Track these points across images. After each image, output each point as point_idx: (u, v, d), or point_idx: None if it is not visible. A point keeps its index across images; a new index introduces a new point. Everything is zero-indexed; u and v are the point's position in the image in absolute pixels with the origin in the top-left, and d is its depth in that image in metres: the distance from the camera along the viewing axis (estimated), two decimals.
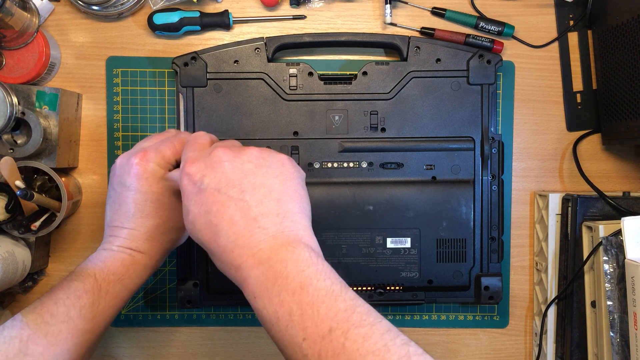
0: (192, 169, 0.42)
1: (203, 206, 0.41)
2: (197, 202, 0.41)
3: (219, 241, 0.40)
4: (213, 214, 0.40)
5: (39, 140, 0.58)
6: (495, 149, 0.62)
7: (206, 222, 0.41)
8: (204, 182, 0.41)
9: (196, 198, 0.41)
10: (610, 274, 0.55)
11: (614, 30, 0.59)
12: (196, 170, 0.42)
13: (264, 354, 0.67)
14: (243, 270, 0.39)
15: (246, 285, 0.39)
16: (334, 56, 0.65)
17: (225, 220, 0.40)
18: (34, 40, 0.61)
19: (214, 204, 0.41)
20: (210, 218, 0.40)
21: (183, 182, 0.43)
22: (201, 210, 0.41)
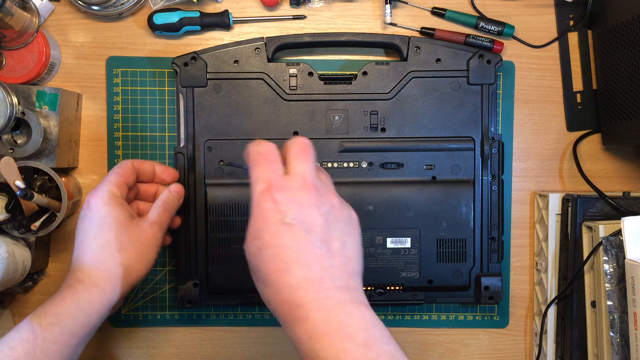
0: (279, 197, 0.40)
1: (279, 239, 0.39)
2: (274, 232, 0.39)
3: (283, 277, 0.39)
4: (288, 250, 0.39)
5: (39, 140, 0.58)
6: (495, 149, 0.62)
7: (276, 255, 0.39)
8: (288, 216, 0.39)
9: (275, 228, 0.39)
10: (610, 274, 0.55)
11: (614, 30, 0.59)
12: (283, 200, 0.40)
13: (264, 354, 0.67)
14: (303, 309, 0.38)
15: (301, 324, 0.39)
16: (334, 56, 0.65)
17: (299, 260, 0.39)
18: (34, 40, 0.61)
19: (293, 241, 0.39)
20: (283, 253, 0.39)
21: (265, 205, 0.40)
22: (275, 242, 0.39)
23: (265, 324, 0.67)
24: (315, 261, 0.39)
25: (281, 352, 0.67)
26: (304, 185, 0.40)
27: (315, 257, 0.39)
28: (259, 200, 0.40)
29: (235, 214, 0.61)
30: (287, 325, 0.40)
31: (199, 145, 0.61)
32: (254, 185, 0.41)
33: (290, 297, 0.39)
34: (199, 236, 0.61)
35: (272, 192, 0.40)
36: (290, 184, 0.40)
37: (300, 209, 0.40)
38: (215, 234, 0.61)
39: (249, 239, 0.41)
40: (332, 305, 0.38)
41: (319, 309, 0.38)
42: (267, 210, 0.40)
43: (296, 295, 0.39)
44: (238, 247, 0.61)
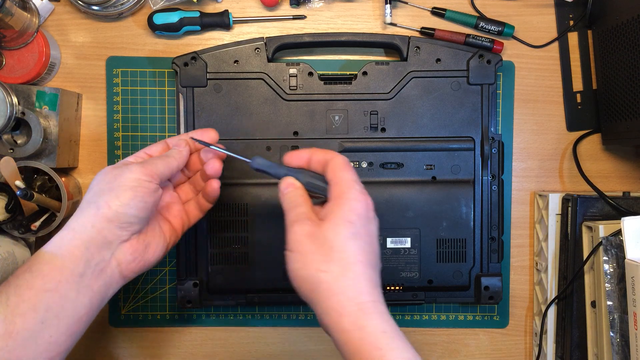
0: (370, 203, 0.45)
1: (368, 237, 0.43)
2: (365, 230, 0.43)
3: (368, 271, 0.42)
4: (370, 246, 0.43)
5: (39, 140, 0.58)
6: (495, 149, 0.62)
7: (366, 248, 0.43)
8: (372, 219, 0.45)
9: (368, 227, 0.44)
10: (610, 274, 0.55)
11: (614, 30, 0.59)
12: (371, 207, 0.45)
13: (264, 354, 0.67)
14: (367, 311, 0.41)
15: (365, 323, 0.40)
16: (334, 56, 0.65)
17: (371, 263, 0.43)
18: (34, 40, 0.61)
19: (373, 243, 0.44)
20: (370, 248, 0.43)
21: (359, 204, 0.43)
22: (367, 241, 0.43)
23: (265, 324, 0.67)
24: (375, 263, 0.44)
25: (281, 352, 0.67)
26: (368, 198, 0.45)
27: (378, 265, 0.44)
28: (357, 199, 0.44)
29: (235, 214, 0.61)
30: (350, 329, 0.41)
31: None
32: (352, 183, 0.44)
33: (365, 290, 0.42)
34: (199, 236, 0.61)
35: (369, 200, 0.45)
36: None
37: (374, 216, 0.45)
38: (215, 234, 0.61)
39: (340, 222, 0.42)
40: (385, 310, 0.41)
41: (381, 312, 0.41)
42: (362, 210, 0.44)
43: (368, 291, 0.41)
44: (238, 247, 0.61)
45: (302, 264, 0.42)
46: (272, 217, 0.61)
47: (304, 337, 0.67)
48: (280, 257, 0.61)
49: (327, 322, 0.41)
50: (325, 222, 0.42)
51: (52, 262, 0.42)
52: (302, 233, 0.43)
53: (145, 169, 0.46)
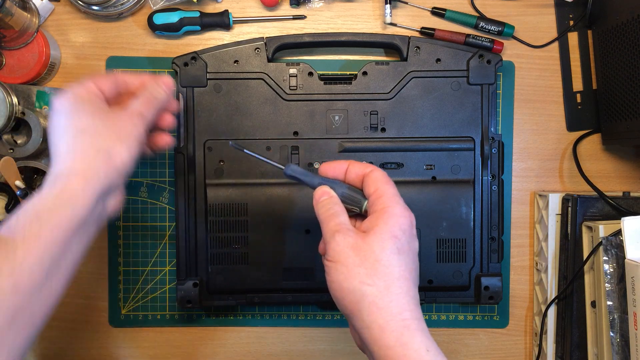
0: (414, 220, 0.44)
1: (411, 253, 0.43)
2: (409, 247, 0.43)
3: (412, 288, 0.42)
4: (413, 263, 0.43)
5: (39, 140, 0.58)
6: (495, 149, 0.62)
7: (409, 264, 0.42)
8: (414, 236, 0.44)
9: (411, 243, 0.43)
10: (610, 274, 0.55)
11: (614, 30, 0.59)
12: (414, 224, 0.44)
13: (264, 354, 0.67)
14: (411, 328, 0.40)
15: (409, 340, 0.40)
16: (334, 56, 0.65)
17: (414, 280, 0.42)
18: (34, 40, 0.61)
19: (415, 260, 0.43)
20: (413, 265, 0.42)
21: (405, 220, 0.43)
22: (411, 258, 0.43)
23: (265, 324, 0.67)
24: (417, 284, 0.43)
25: (281, 352, 0.67)
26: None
27: (418, 282, 0.43)
28: (401, 214, 0.43)
29: (235, 214, 0.61)
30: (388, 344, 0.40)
31: (199, 145, 0.61)
32: (396, 198, 0.44)
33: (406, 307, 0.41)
34: (199, 236, 0.61)
35: (412, 218, 0.44)
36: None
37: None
38: (215, 234, 0.61)
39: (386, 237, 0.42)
40: (433, 342, 0.40)
41: (422, 329, 0.40)
42: (408, 225, 0.43)
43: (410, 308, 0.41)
44: (238, 247, 0.61)
45: (345, 275, 0.41)
46: (272, 217, 0.61)
47: (304, 337, 0.67)
48: (280, 257, 0.61)
49: (368, 336, 0.40)
50: (370, 235, 0.42)
51: (62, 212, 0.42)
52: (345, 244, 0.42)
53: (144, 122, 0.48)
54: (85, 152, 0.44)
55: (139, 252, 0.65)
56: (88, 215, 0.43)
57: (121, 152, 0.46)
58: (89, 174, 0.44)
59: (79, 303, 0.66)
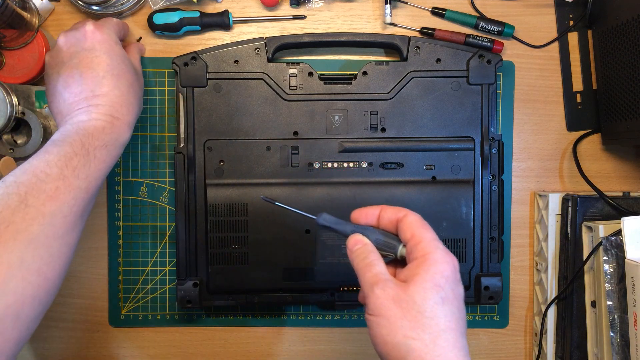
0: (457, 264, 0.42)
1: (457, 301, 0.41)
2: (454, 294, 0.41)
3: (459, 339, 0.40)
4: (460, 311, 0.41)
5: (39, 140, 0.58)
6: (495, 149, 0.62)
7: (455, 313, 0.41)
8: (459, 282, 0.42)
9: (456, 290, 0.41)
10: (610, 274, 0.55)
11: (614, 30, 0.59)
12: (458, 269, 0.43)
13: (264, 354, 0.67)
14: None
15: None
16: (334, 56, 0.65)
17: (461, 330, 0.41)
18: (34, 40, 0.61)
19: (462, 308, 0.42)
20: (459, 314, 0.41)
21: (447, 267, 0.41)
22: (456, 306, 0.41)
23: (265, 324, 0.67)
24: (465, 333, 0.41)
25: (281, 352, 0.67)
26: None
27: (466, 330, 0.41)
28: (447, 257, 0.42)
29: (235, 214, 0.61)
30: None
31: (199, 145, 0.61)
32: (435, 243, 0.42)
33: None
34: (199, 236, 0.61)
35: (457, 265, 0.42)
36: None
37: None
38: (215, 234, 0.61)
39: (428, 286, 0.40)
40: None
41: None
42: (455, 267, 0.42)
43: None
44: (238, 247, 0.61)
45: (388, 330, 0.39)
46: (272, 217, 0.61)
47: (304, 337, 0.67)
48: (280, 257, 0.61)
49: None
50: (411, 285, 0.40)
51: (114, 152, 0.51)
52: (386, 297, 0.40)
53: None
54: (134, 107, 0.54)
55: (139, 252, 0.65)
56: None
57: (141, 109, 0.57)
58: (132, 128, 0.54)
59: (79, 303, 0.66)
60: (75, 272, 0.66)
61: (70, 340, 0.67)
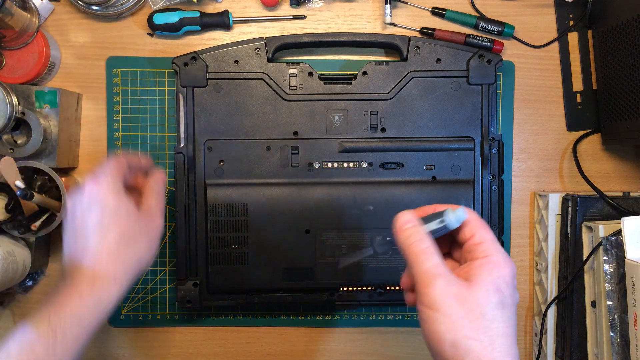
0: (515, 270, 0.41)
1: (513, 307, 0.40)
2: (512, 300, 0.40)
3: (513, 346, 0.39)
4: (515, 318, 0.40)
5: (39, 140, 0.58)
6: (495, 149, 0.62)
7: (512, 319, 0.39)
8: (515, 288, 0.41)
9: (514, 296, 0.40)
10: (610, 274, 0.55)
11: (614, 30, 0.59)
12: (515, 275, 0.41)
13: (264, 354, 0.67)
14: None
15: None
16: (334, 56, 0.65)
17: (514, 337, 0.40)
18: (34, 40, 0.61)
19: (516, 314, 0.40)
20: (514, 321, 0.40)
21: (509, 271, 0.40)
22: (512, 312, 0.40)
23: (265, 324, 0.67)
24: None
25: (281, 352, 0.67)
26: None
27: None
28: (509, 262, 0.40)
29: (235, 214, 0.61)
30: None
31: (199, 145, 0.61)
32: (497, 247, 0.41)
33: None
34: (199, 236, 0.61)
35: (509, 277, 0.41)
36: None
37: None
38: (215, 234, 0.61)
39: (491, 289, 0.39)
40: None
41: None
42: (514, 274, 0.40)
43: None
44: (238, 247, 0.61)
45: (448, 327, 0.38)
46: (272, 217, 0.61)
47: (304, 337, 0.67)
48: (280, 257, 0.61)
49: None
50: (474, 285, 0.39)
51: (99, 316, 0.46)
52: (449, 293, 0.39)
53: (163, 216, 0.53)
54: (126, 262, 0.48)
55: None
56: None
57: (149, 258, 0.51)
58: (124, 282, 0.48)
59: None
60: None
61: None
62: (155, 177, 0.55)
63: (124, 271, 0.48)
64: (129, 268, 0.49)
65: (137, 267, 0.50)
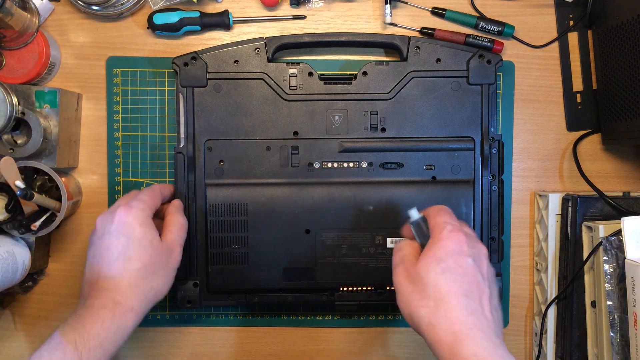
0: (462, 238, 0.46)
1: (461, 269, 0.45)
2: (457, 263, 0.45)
3: (462, 300, 0.44)
4: (465, 277, 0.45)
5: (39, 140, 0.58)
6: (495, 149, 0.62)
7: (458, 279, 0.45)
8: (465, 253, 0.46)
9: (460, 260, 0.45)
10: (610, 274, 0.55)
11: (614, 30, 0.59)
12: (464, 241, 0.46)
13: (264, 354, 0.67)
14: (460, 339, 0.42)
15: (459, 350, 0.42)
16: (334, 56, 0.65)
17: (466, 292, 0.45)
18: (34, 40, 0.61)
19: (470, 274, 0.45)
20: (464, 279, 0.45)
21: (448, 242, 0.46)
22: (457, 269, 0.45)
23: (265, 324, 0.67)
24: (477, 295, 0.45)
25: (281, 352, 0.67)
26: (478, 244, 0.48)
27: (478, 293, 0.45)
28: (447, 238, 0.46)
29: (235, 214, 0.61)
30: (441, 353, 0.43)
31: (199, 145, 0.61)
32: (444, 225, 0.47)
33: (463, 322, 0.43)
34: (199, 236, 0.61)
35: (462, 230, 0.47)
36: (467, 230, 0.49)
37: (478, 251, 0.47)
38: (215, 234, 0.61)
39: (430, 260, 0.45)
40: (489, 346, 0.42)
41: (478, 346, 0.42)
42: (459, 241, 0.46)
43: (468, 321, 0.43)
44: (238, 247, 0.61)
45: (405, 303, 0.46)
46: (272, 217, 0.61)
47: (304, 337, 0.67)
48: (280, 257, 0.61)
49: (433, 352, 0.44)
50: (419, 262, 0.46)
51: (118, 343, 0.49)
52: (400, 274, 0.47)
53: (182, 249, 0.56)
54: (143, 294, 0.51)
55: None
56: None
57: (165, 290, 0.54)
58: (141, 313, 0.51)
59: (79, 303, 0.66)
60: (75, 272, 0.66)
61: None
62: (178, 207, 0.58)
63: (141, 302, 0.51)
64: (145, 300, 0.51)
65: (154, 299, 0.52)
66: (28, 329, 0.66)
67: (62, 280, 0.66)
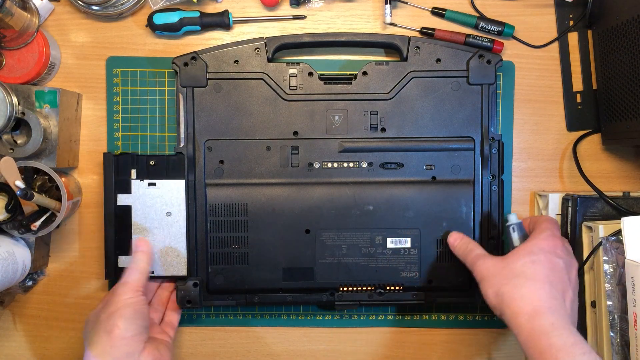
0: (559, 244, 0.53)
1: (550, 264, 0.51)
2: (548, 260, 0.51)
3: (546, 286, 0.50)
4: (552, 272, 0.51)
5: (39, 140, 0.58)
6: (495, 149, 0.62)
7: (545, 270, 0.51)
8: (559, 255, 0.52)
9: (551, 259, 0.51)
10: (610, 274, 0.55)
11: (614, 30, 0.59)
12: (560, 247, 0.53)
13: (264, 353, 0.67)
14: (539, 312, 0.48)
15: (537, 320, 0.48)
16: (334, 56, 0.65)
17: (551, 282, 0.50)
18: (34, 40, 0.61)
19: (558, 271, 0.51)
20: (551, 273, 0.51)
21: (545, 242, 0.52)
22: (548, 267, 0.51)
23: (265, 324, 0.67)
24: (560, 289, 0.51)
25: (281, 352, 0.67)
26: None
27: (562, 287, 0.51)
28: (549, 237, 0.53)
29: (235, 214, 0.61)
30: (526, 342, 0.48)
31: (199, 145, 0.61)
32: (545, 230, 0.54)
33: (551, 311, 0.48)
34: (199, 236, 0.61)
35: (561, 239, 0.55)
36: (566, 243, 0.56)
37: (571, 260, 0.54)
38: (215, 234, 0.61)
39: (522, 253, 0.52)
40: (566, 322, 0.48)
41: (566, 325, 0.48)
42: (555, 245, 0.52)
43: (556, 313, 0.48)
44: (238, 247, 0.61)
45: (489, 284, 0.52)
46: (272, 217, 0.61)
47: (304, 337, 0.67)
48: (280, 257, 0.61)
49: (511, 324, 0.49)
50: (510, 255, 0.52)
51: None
52: (485, 265, 0.53)
53: (131, 285, 0.55)
54: (93, 341, 0.51)
55: None
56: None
57: (117, 322, 0.52)
58: (98, 353, 0.51)
59: (79, 303, 0.66)
60: (75, 272, 0.66)
61: (70, 340, 0.67)
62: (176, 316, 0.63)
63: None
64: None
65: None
66: (28, 329, 0.67)
67: (62, 280, 0.66)
